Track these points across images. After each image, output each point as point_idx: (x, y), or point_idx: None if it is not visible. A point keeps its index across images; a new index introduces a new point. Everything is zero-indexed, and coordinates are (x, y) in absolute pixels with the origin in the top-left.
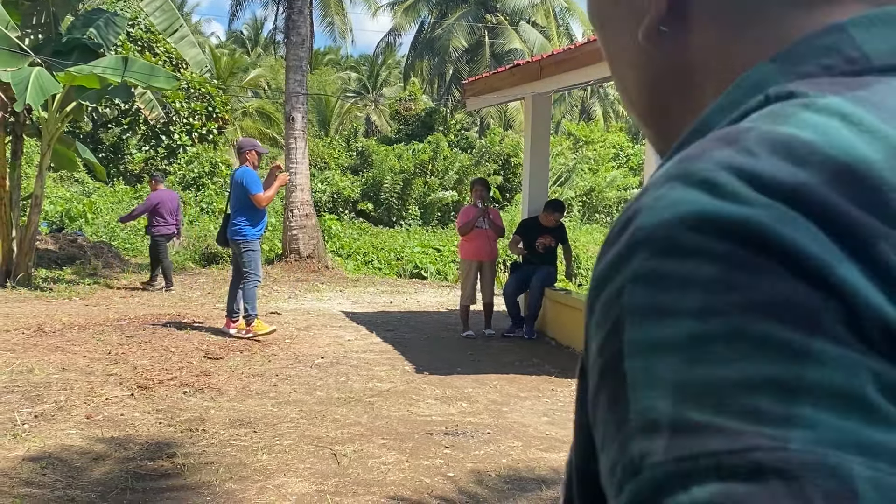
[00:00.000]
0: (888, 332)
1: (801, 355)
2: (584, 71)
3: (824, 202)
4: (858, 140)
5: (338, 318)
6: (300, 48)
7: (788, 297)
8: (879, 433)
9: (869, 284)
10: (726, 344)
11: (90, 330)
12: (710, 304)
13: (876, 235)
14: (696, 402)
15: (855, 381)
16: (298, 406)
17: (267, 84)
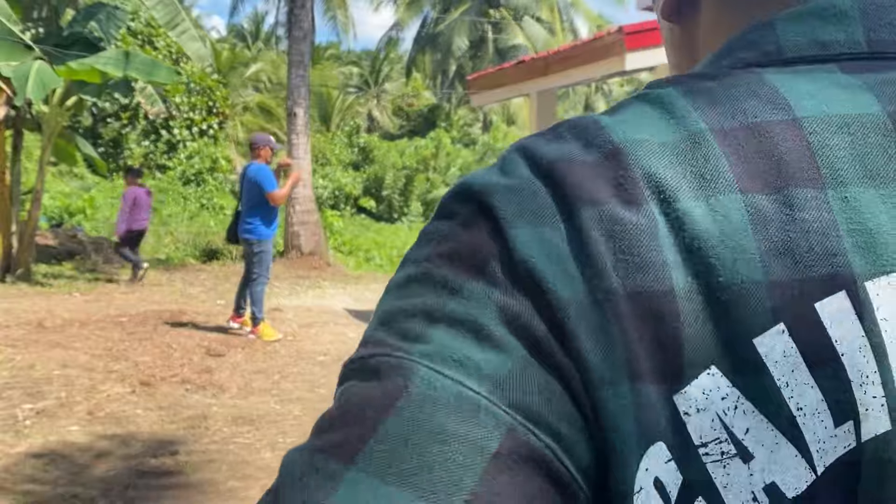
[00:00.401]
0: (528, 275)
1: (453, 292)
2: (590, 67)
3: (563, 173)
4: (650, 125)
5: (340, 316)
6: (302, 43)
7: (473, 248)
8: (474, 349)
9: (535, 239)
10: (418, 283)
11: (91, 326)
12: (427, 254)
13: (586, 202)
14: (381, 323)
15: (479, 313)
16: (301, 404)
17: (268, 79)
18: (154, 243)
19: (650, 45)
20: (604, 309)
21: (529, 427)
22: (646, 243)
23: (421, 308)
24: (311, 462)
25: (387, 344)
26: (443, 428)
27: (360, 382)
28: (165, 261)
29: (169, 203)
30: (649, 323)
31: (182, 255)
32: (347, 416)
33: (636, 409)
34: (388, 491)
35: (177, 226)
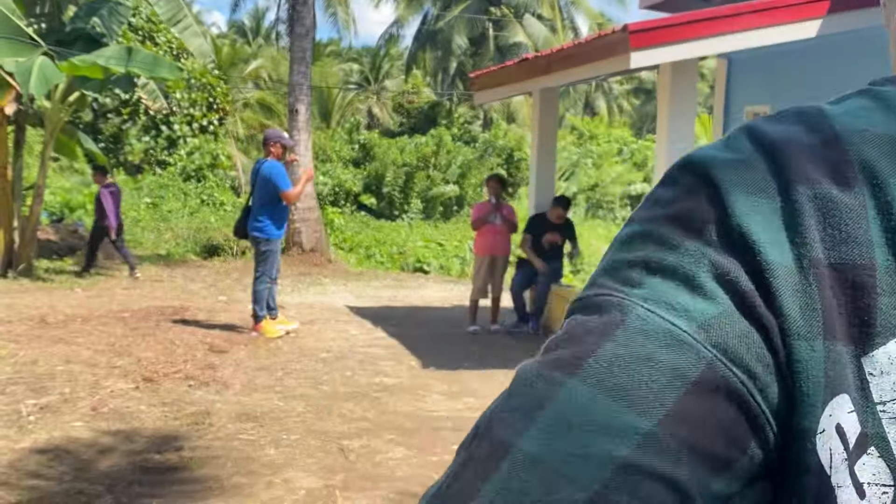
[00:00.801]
0: (741, 239)
1: (672, 248)
2: (594, 65)
3: (783, 151)
4: (870, 117)
5: (342, 313)
6: (304, 39)
7: (693, 212)
8: (686, 296)
9: (751, 208)
10: (640, 239)
11: (93, 322)
12: (652, 215)
13: (801, 179)
14: (605, 271)
15: (693, 267)
16: (305, 400)
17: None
18: (154, 239)
19: (655, 44)
20: (808, 275)
21: (727, 364)
22: (854, 222)
23: (642, 259)
24: (538, 372)
25: (609, 287)
26: (651, 355)
27: (583, 316)
28: (166, 256)
29: (169, 199)
30: (848, 291)
31: (183, 250)
32: (571, 339)
33: (826, 363)
34: (601, 399)
35: (177, 222)
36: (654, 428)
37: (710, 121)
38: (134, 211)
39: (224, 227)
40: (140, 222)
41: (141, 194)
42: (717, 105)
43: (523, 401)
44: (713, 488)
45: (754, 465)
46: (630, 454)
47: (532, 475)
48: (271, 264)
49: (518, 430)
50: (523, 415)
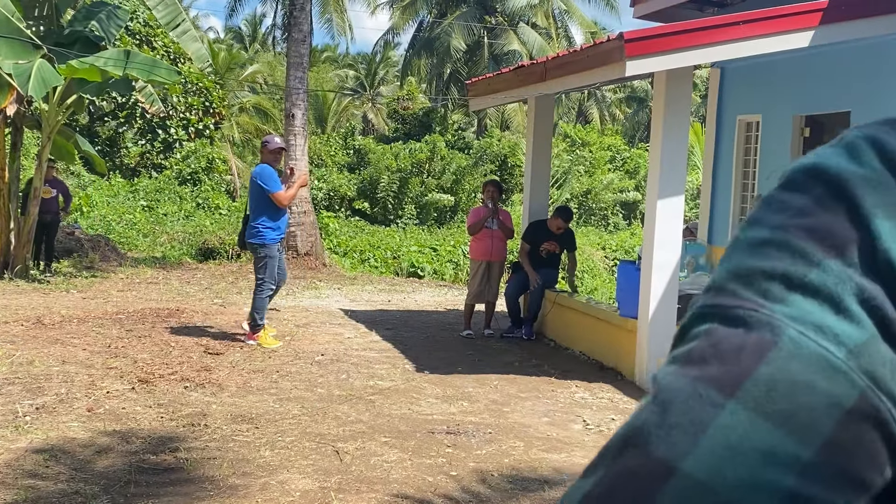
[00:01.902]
0: (887, 266)
1: (815, 264)
2: (589, 73)
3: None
4: None
5: (337, 316)
6: (301, 45)
7: (833, 229)
8: (832, 319)
9: (894, 233)
10: (776, 248)
11: (89, 323)
12: (784, 222)
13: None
14: (737, 277)
15: (839, 287)
16: (300, 403)
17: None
18: (150, 242)
19: (650, 53)
20: None
21: (877, 392)
22: None
23: (781, 272)
24: (693, 389)
25: (748, 298)
26: (808, 382)
27: (725, 328)
28: (162, 259)
29: (165, 202)
30: None
31: (178, 253)
32: (722, 356)
33: None
34: (763, 425)
35: (172, 225)
36: (815, 457)
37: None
38: (130, 214)
39: (219, 231)
40: (136, 225)
41: (137, 197)
42: (709, 113)
43: (682, 419)
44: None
45: (885, 483)
46: (795, 484)
47: (700, 501)
48: (271, 271)
49: (681, 451)
50: (685, 434)
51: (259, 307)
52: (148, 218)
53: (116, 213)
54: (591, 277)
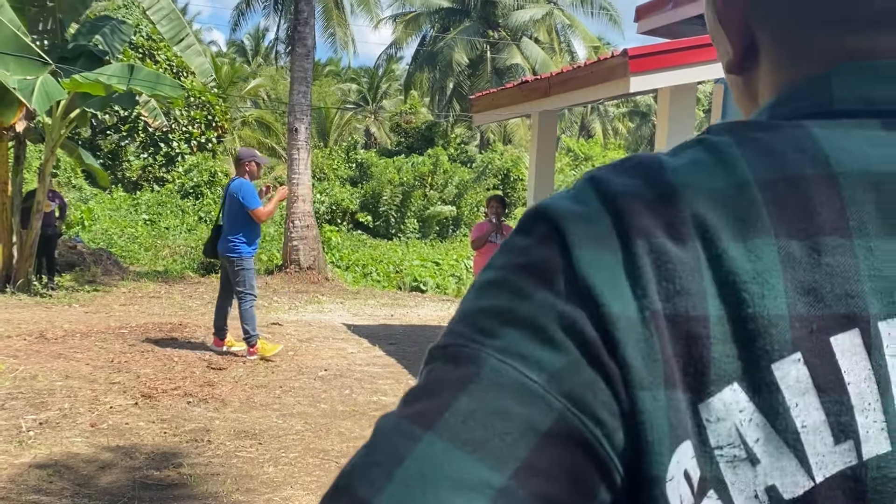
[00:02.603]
0: (586, 291)
1: (524, 298)
2: (593, 89)
3: (624, 206)
4: (703, 171)
5: (339, 331)
6: (305, 59)
7: (544, 263)
8: (536, 347)
9: (595, 261)
10: (496, 287)
11: (92, 337)
12: (505, 262)
13: (640, 234)
14: (463, 319)
15: (543, 318)
16: (303, 418)
17: (266, 94)
18: (152, 256)
19: (654, 69)
20: (648, 325)
21: (576, 413)
22: (687, 275)
23: (497, 309)
24: (397, 425)
25: (465, 336)
26: (505, 408)
27: (441, 366)
28: (164, 273)
29: (167, 216)
30: (683, 342)
31: (180, 267)
32: (429, 391)
33: (669, 411)
34: (456, 453)
35: (174, 238)
36: (508, 482)
37: None
38: (132, 228)
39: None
40: (138, 239)
41: (139, 211)
42: None
43: (382, 456)
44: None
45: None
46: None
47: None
48: (250, 281)
49: (377, 487)
50: (382, 471)
51: (248, 319)
52: (150, 231)
53: (118, 227)
54: None
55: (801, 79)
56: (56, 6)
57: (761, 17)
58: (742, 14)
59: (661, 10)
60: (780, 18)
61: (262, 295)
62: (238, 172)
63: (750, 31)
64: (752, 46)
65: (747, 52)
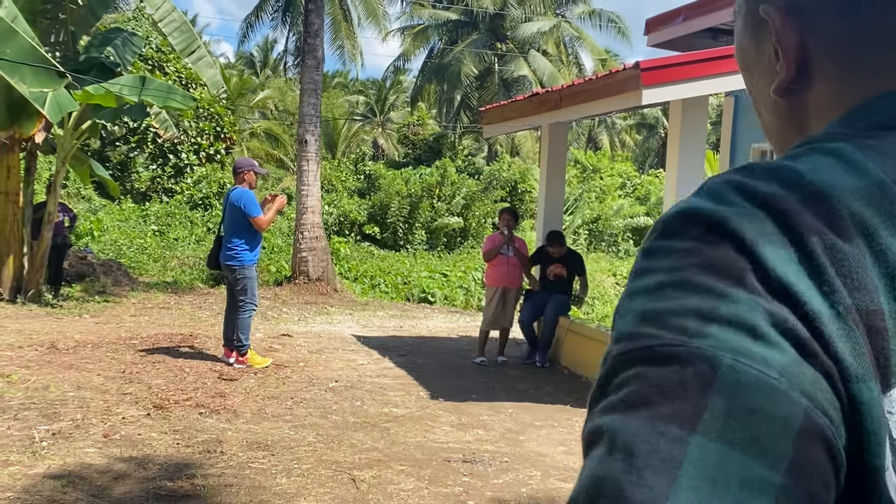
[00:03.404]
0: (783, 289)
1: (722, 296)
2: (603, 102)
3: (783, 206)
4: (839, 173)
5: (349, 342)
6: (314, 71)
7: (726, 262)
8: (754, 345)
9: (782, 258)
10: (677, 288)
11: (103, 348)
12: (676, 265)
13: (812, 231)
14: (647, 321)
15: (751, 315)
16: (315, 430)
17: (275, 105)
18: (161, 266)
19: (666, 82)
20: (846, 320)
21: (815, 410)
22: (862, 270)
23: (693, 309)
24: (653, 429)
25: (666, 337)
26: (758, 406)
27: (655, 367)
28: (174, 284)
29: (176, 227)
30: (868, 335)
31: (190, 278)
32: (669, 393)
33: (881, 401)
34: (732, 453)
35: (183, 249)
36: (785, 480)
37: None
38: (141, 239)
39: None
40: (147, 250)
41: (148, 222)
42: (723, 141)
43: (651, 460)
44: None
45: (832, 501)
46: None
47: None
48: (252, 291)
49: (661, 492)
50: (659, 476)
51: (244, 328)
52: (159, 242)
53: (127, 238)
54: (601, 304)
55: (873, 95)
56: (68, 18)
57: (820, 36)
58: (799, 34)
59: (671, 24)
60: (841, 38)
61: (272, 306)
62: (237, 181)
63: (805, 52)
64: (806, 67)
65: (800, 74)
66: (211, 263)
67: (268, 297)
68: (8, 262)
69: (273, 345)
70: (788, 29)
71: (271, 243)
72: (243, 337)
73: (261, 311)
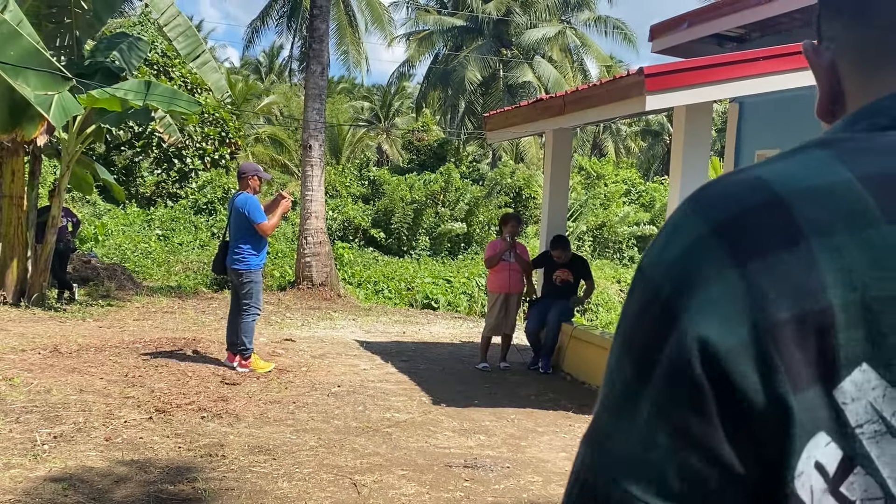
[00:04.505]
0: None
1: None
2: (607, 108)
3: (729, 235)
4: (805, 174)
5: (352, 347)
6: (320, 77)
7: (651, 333)
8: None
9: (702, 306)
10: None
11: (106, 352)
12: (626, 318)
13: (757, 254)
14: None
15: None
16: (317, 434)
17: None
18: (165, 271)
19: (670, 87)
20: (762, 341)
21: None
22: (801, 274)
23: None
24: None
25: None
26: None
27: None
28: (178, 288)
29: (180, 232)
30: (812, 336)
31: (193, 283)
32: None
33: (799, 413)
34: None
35: (188, 254)
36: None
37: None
38: (145, 243)
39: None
40: (151, 254)
41: (152, 226)
42: (728, 148)
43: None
44: None
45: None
46: None
47: None
48: (257, 295)
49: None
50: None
51: (247, 331)
52: (163, 247)
53: (132, 242)
54: (605, 311)
55: (874, 99)
56: (73, 22)
57: (848, 65)
58: (829, 62)
59: (675, 30)
60: (866, 67)
61: (275, 311)
62: (241, 186)
63: (836, 78)
64: (840, 93)
65: (833, 99)
66: (216, 268)
67: (271, 302)
68: (12, 265)
69: (276, 349)
70: (819, 55)
71: (275, 248)
72: (247, 340)
73: (264, 316)
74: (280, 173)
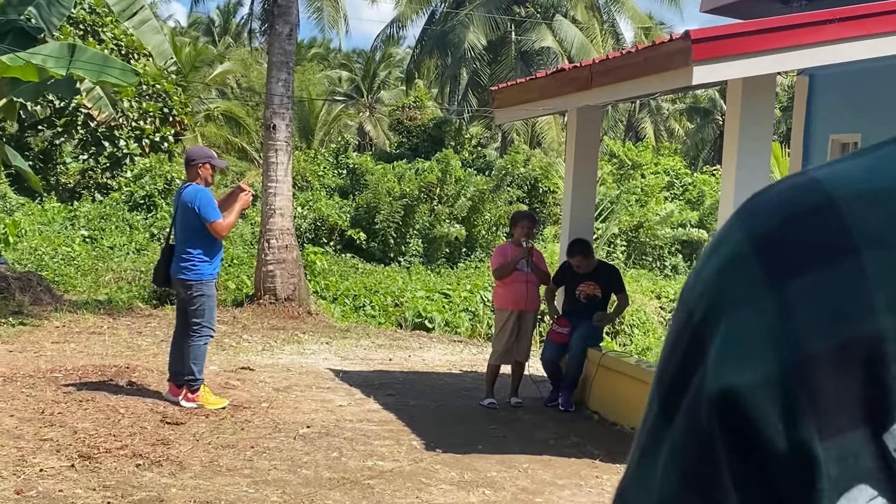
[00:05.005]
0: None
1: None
2: (644, 81)
3: (769, 253)
4: (870, 174)
5: (325, 378)
6: (286, 40)
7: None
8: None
9: (728, 340)
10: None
11: (17, 382)
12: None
13: (794, 274)
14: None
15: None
16: (280, 487)
17: (237, 82)
18: (92, 281)
19: (723, 56)
20: (789, 382)
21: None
22: (850, 293)
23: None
24: None
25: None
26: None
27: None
28: (107, 303)
29: (111, 232)
30: (854, 371)
31: (128, 296)
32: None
33: (827, 464)
34: None
35: (120, 261)
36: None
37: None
38: (67, 246)
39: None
40: (74, 260)
41: (76, 225)
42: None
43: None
44: None
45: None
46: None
47: None
48: (210, 312)
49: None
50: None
51: (197, 357)
52: (90, 251)
53: (51, 245)
54: (642, 334)
55: None
56: None
57: None
58: None
59: None
60: None
61: (230, 332)
62: (190, 176)
63: None
64: None
65: None
66: (158, 279)
67: (225, 321)
68: None
69: (230, 380)
70: None
71: (230, 254)
72: (196, 369)
73: (216, 339)
74: (237, 160)
